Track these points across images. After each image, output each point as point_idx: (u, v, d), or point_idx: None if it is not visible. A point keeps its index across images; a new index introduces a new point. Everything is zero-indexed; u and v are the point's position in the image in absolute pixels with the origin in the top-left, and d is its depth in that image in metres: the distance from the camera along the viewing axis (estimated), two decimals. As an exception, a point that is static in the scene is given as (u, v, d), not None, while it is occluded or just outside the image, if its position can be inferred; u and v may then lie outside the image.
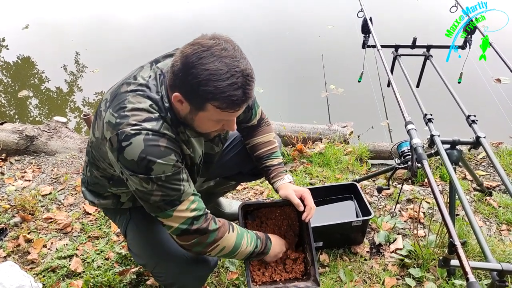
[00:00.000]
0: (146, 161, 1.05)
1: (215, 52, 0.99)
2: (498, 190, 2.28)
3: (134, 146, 1.04)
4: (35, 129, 2.85)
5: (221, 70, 0.98)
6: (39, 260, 1.91)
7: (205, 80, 0.98)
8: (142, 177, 1.07)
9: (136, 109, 1.07)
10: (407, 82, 1.91)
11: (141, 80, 1.13)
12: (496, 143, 2.73)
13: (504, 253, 1.76)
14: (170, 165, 1.08)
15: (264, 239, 1.36)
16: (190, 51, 1.00)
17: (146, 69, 1.17)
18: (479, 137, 1.59)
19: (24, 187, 2.45)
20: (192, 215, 1.14)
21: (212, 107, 1.03)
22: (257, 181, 2.38)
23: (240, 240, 1.26)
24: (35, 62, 5.33)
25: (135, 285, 1.74)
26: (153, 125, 1.06)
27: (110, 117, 1.09)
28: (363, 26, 2.16)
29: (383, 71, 1.94)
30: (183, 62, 1.01)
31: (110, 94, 1.17)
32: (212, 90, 0.99)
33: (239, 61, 1.01)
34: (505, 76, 3.54)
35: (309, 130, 2.91)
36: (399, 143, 1.84)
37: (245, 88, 1.02)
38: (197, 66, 0.98)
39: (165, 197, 1.11)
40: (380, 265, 1.79)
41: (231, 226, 1.25)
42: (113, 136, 1.06)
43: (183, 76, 1.01)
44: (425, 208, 2.12)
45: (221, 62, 0.99)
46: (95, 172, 1.31)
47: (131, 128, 1.04)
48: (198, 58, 0.99)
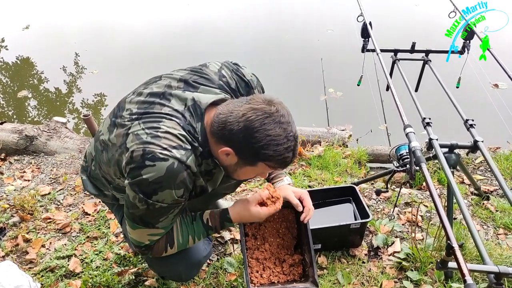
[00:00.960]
0: (158, 185, 1.09)
1: (276, 118, 1.08)
2: (496, 195, 2.30)
3: (156, 169, 1.07)
4: (35, 129, 2.85)
5: (280, 135, 1.08)
6: (38, 260, 1.91)
7: (267, 144, 1.08)
8: (141, 197, 1.11)
9: (170, 134, 1.11)
10: (406, 86, 1.92)
11: (176, 105, 1.17)
12: (493, 148, 2.75)
13: (501, 256, 1.77)
14: (173, 198, 1.12)
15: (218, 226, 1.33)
16: (254, 117, 1.07)
17: (176, 91, 1.20)
18: (477, 141, 1.60)
19: (23, 187, 2.45)
20: (147, 243, 1.24)
21: (263, 165, 1.14)
22: (255, 183, 2.40)
23: (183, 246, 1.30)
24: (34, 63, 5.34)
25: (133, 286, 1.74)
26: (181, 154, 1.10)
27: (141, 131, 1.12)
28: (363, 30, 2.18)
29: (382, 75, 1.96)
30: (246, 125, 1.07)
31: (137, 105, 1.19)
32: (272, 154, 1.09)
33: (292, 126, 1.12)
34: (503, 81, 3.57)
35: (308, 133, 2.92)
36: (398, 146, 1.85)
37: (295, 151, 1.14)
38: (261, 132, 1.07)
39: (143, 217, 1.17)
40: (378, 267, 1.80)
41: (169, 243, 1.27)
42: (138, 150, 1.09)
43: (243, 137, 1.08)
44: (423, 211, 2.13)
45: (281, 129, 1.09)
46: (98, 170, 1.33)
47: (160, 151, 1.08)
48: (261, 124, 1.07)
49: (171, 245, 1.27)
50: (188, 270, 1.42)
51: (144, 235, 1.21)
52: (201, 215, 1.33)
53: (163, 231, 1.22)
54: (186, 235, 1.29)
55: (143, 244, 1.23)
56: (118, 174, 1.22)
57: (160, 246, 1.26)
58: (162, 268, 1.39)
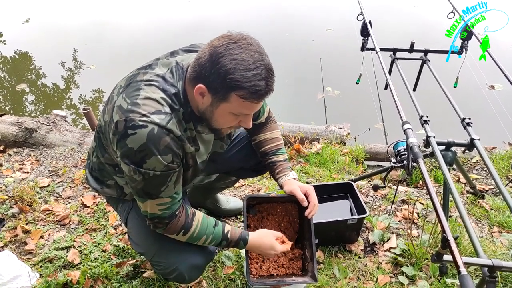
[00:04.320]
0: (143, 153, 1.09)
1: (242, 45, 1.05)
2: (491, 193, 2.33)
3: (138, 137, 1.08)
4: (35, 122, 2.86)
5: (247, 60, 1.04)
6: (37, 251, 1.92)
7: (232, 68, 1.03)
8: (133, 168, 1.12)
9: (149, 99, 1.10)
10: (405, 85, 1.94)
11: (158, 71, 1.17)
12: (489, 148, 2.78)
13: (495, 253, 1.80)
14: (163, 164, 1.12)
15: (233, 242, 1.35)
16: (218, 43, 1.06)
17: (163, 60, 1.21)
18: (473, 139, 1.63)
19: (22, 178, 2.46)
20: (158, 213, 1.23)
21: (235, 97, 1.07)
22: (254, 178, 2.41)
23: (193, 241, 1.31)
24: (32, 58, 5.33)
25: (131, 277, 1.76)
26: (161, 119, 1.09)
27: (122, 101, 1.12)
28: (363, 29, 2.20)
29: (380, 75, 1.98)
30: (211, 53, 1.05)
31: (125, 81, 1.20)
32: (239, 79, 1.04)
33: (263, 56, 1.07)
34: (500, 82, 3.60)
35: (307, 130, 2.95)
36: (396, 142, 1.87)
37: (268, 80, 1.08)
38: (226, 56, 1.03)
39: (145, 188, 1.17)
40: (374, 263, 1.82)
41: (183, 231, 1.28)
42: (120, 121, 1.09)
43: (210, 65, 1.05)
44: (419, 209, 2.16)
45: (248, 54, 1.04)
46: (101, 158, 1.33)
47: (139, 118, 1.08)
48: (226, 48, 1.04)
49: (185, 232, 1.28)
50: (191, 272, 1.41)
51: (153, 206, 1.21)
52: (224, 225, 1.35)
53: (170, 199, 1.21)
54: (203, 232, 1.30)
55: (155, 215, 1.23)
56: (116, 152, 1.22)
57: (175, 227, 1.26)
58: (166, 270, 1.38)
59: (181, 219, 1.27)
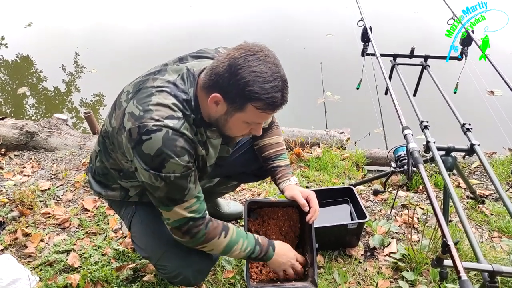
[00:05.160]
0: (161, 157, 1.09)
1: (260, 57, 1.07)
2: (491, 199, 2.33)
3: (153, 142, 1.08)
4: (36, 125, 2.87)
5: (266, 73, 1.06)
6: (37, 254, 1.92)
7: (251, 80, 1.05)
8: (153, 173, 1.11)
9: (161, 105, 1.11)
10: (405, 90, 1.95)
11: (168, 77, 1.18)
12: (489, 153, 2.79)
13: (495, 259, 1.80)
14: (182, 165, 1.12)
15: (265, 247, 1.36)
16: (237, 54, 1.07)
17: (172, 66, 1.22)
18: (474, 144, 1.63)
19: (23, 182, 2.46)
20: (189, 215, 1.20)
21: (252, 108, 1.09)
22: (255, 183, 2.42)
23: (232, 245, 1.30)
24: (34, 61, 5.35)
25: (131, 281, 1.75)
26: (174, 123, 1.10)
27: (133, 108, 1.12)
28: (363, 34, 2.21)
29: (380, 80, 1.98)
30: (230, 64, 1.07)
31: (133, 86, 1.21)
32: (258, 90, 1.06)
33: (279, 68, 1.10)
34: (499, 88, 3.61)
35: (307, 134, 2.95)
36: (396, 148, 1.88)
37: (284, 92, 1.10)
38: (245, 68, 1.05)
39: (169, 194, 1.16)
40: (374, 267, 1.82)
41: (224, 232, 1.27)
42: (134, 128, 1.10)
43: (229, 76, 1.07)
44: (419, 214, 2.16)
45: (266, 67, 1.07)
46: (105, 163, 1.33)
47: (153, 123, 1.08)
48: (245, 60, 1.06)
49: (226, 235, 1.27)
50: (197, 276, 1.41)
51: (182, 210, 1.19)
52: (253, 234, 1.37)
53: (195, 199, 1.20)
54: (240, 236, 1.31)
55: (187, 218, 1.20)
56: (126, 158, 1.22)
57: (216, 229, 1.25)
58: (171, 274, 1.38)
59: (219, 222, 1.27)
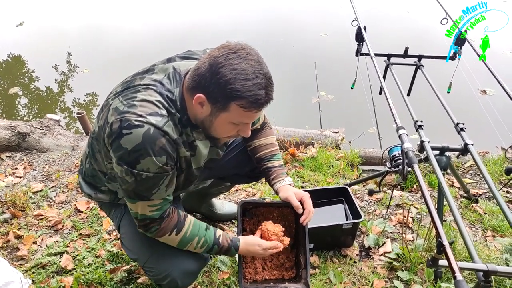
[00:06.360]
0: (138, 153, 1.08)
1: (242, 55, 1.06)
2: (484, 198, 2.34)
3: (133, 136, 1.07)
4: (28, 126, 2.84)
5: (247, 70, 1.05)
6: (29, 257, 1.89)
7: (232, 78, 1.04)
8: (126, 168, 1.11)
9: (146, 101, 1.10)
10: (399, 90, 1.96)
11: (155, 76, 1.17)
12: (483, 153, 2.80)
13: (489, 257, 1.81)
14: (157, 165, 1.11)
15: (225, 247, 1.34)
16: (217, 53, 1.06)
17: (159, 65, 1.21)
18: (467, 144, 1.64)
19: (15, 183, 2.43)
20: (149, 215, 1.21)
21: (235, 107, 1.08)
22: (249, 184, 2.41)
23: (186, 242, 1.30)
24: (25, 61, 5.30)
25: (125, 283, 1.74)
26: (157, 120, 1.09)
27: (118, 103, 1.12)
28: (357, 34, 2.22)
29: (374, 79, 1.99)
30: (210, 63, 1.06)
31: (121, 86, 1.20)
32: (239, 88, 1.05)
33: (262, 65, 1.09)
34: (492, 87, 3.64)
35: (302, 134, 2.95)
36: (390, 147, 1.88)
37: (267, 89, 1.09)
38: (225, 66, 1.04)
39: (136, 190, 1.16)
40: (369, 267, 1.82)
41: (176, 229, 1.26)
42: (116, 121, 1.09)
43: (210, 75, 1.06)
44: (413, 213, 2.16)
45: (247, 64, 1.06)
46: (94, 164, 1.32)
47: (135, 118, 1.07)
48: (226, 59, 1.05)
49: (178, 231, 1.26)
50: (184, 278, 1.40)
51: (144, 207, 1.20)
52: (216, 229, 1.35)
53: (161, 201, 1.20)
54: (195, 233, 1.29)
55: (146, 216, 1.21)
56: (109, 159, 1.21)
57: (168, 226, 1.25)
58: (158, 276, 1.37)
59: (174, 218, 1.26)
